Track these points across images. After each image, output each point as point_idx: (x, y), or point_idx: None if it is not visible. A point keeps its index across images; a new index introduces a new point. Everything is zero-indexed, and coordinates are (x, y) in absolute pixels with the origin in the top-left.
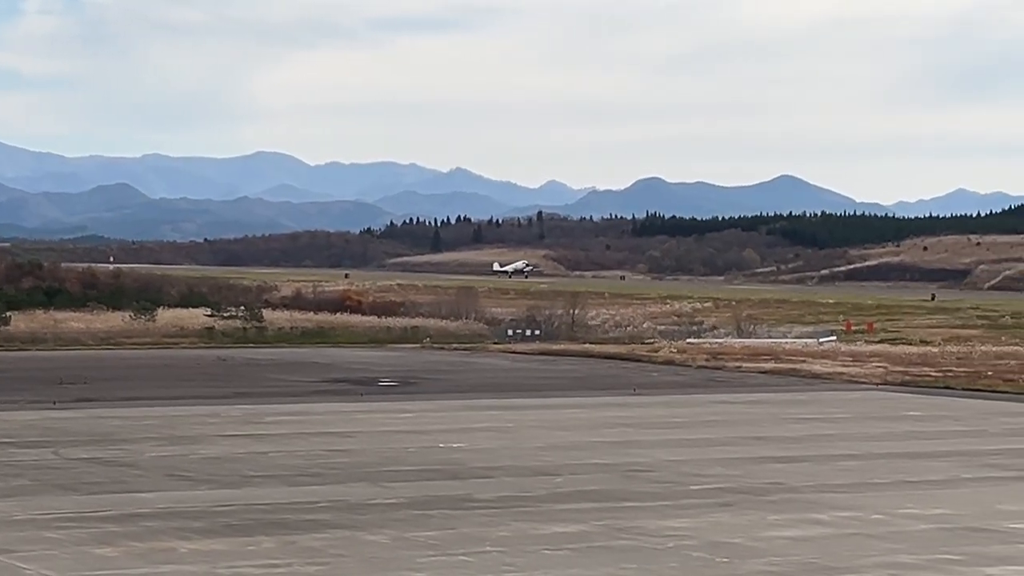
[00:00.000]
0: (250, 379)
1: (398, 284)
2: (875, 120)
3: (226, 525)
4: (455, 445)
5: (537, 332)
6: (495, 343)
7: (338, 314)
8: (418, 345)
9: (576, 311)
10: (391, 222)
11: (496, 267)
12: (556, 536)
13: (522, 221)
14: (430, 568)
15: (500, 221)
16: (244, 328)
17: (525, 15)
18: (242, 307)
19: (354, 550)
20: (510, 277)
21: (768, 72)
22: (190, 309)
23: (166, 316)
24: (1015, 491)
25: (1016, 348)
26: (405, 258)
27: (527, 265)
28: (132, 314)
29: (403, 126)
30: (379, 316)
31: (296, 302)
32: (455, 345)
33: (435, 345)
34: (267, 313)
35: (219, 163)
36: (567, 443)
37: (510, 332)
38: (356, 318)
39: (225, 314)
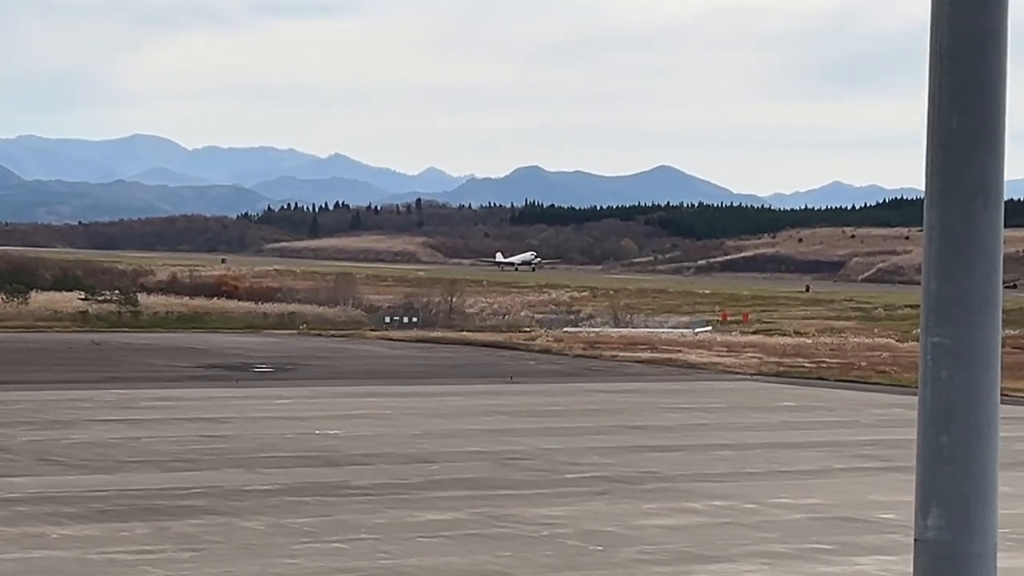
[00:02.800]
0: (124, 364)
1: (275, 270)
2: (753, 112)
3: (99, 511)
4: (331, 432)
5: (415, 319)
6: (373, 330)
7: (214, 299)
8: (295, 331)
9: (454, 299)
10: (269, 207)
11: (499, 258)
12: (432, 524)
13: (401, 208)
14: (305, 555)
15: (379, 208)
16: (119, 312)
17: (405, 1)
18: (117, 291)
19: (229, 536)
20: (516, 270)
21: (647, 62)
22: (64, 292)
23: (39, 299)
24: (886, 482)
25: (888, 340)
26: (283, 243)
27: (535, 257)
28: (4, 297)
29: (282, 111)
30: (256, 302)
31: (172, 287)
32: (332, 331)
33: (312, 331)
34: (142, 297)
35: (95, 145)
36: (444, 431)
37: (388, 319)
38: (232, 303)
39: (100, 298)
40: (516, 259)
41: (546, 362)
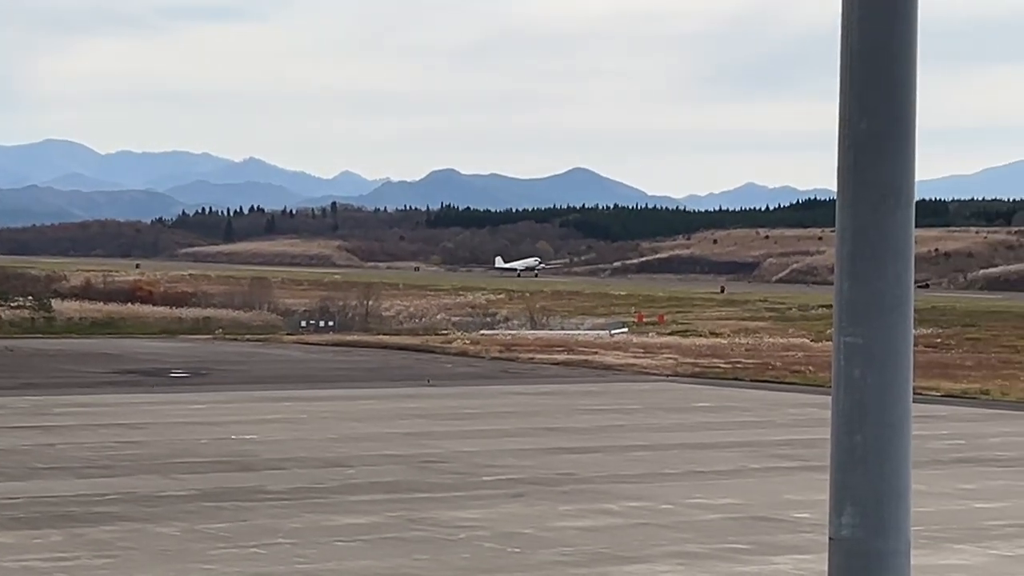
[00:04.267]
0: (38, 370)
1: (190, 274)
2: (667, 114)
3: (12, 518)
4: (247, 436)
5: (331, 323)
6: (288, 334)
7: (129, 304)
8: (210, 336)
9: (370, 302)
10: (183, 212)
11: (499, 264)
12: (348, 527)
13: (316, 212)
14: (221, 560)
15: (294, 211)
16: (32, 318)
17: (319, 4)
18: (30, 297)
19: (144, 543)
20: (519, 276)
21: (561, 65)
22: None
23: None
24: (801, 481)
25: (803, 340)
26: (197, 248)
27: (538, 262)
28: None
29: (195, 115)
30: (171, 307)
31: (86, 292)
32: (248, 336)
33: (227, 336)
34: (56, 303)
35: (6, 151)
36: (360, 434)
37: (303, 323)
38: (147, 308)
39: (12, 304)
40: (518, 264)
41: (463, 365)
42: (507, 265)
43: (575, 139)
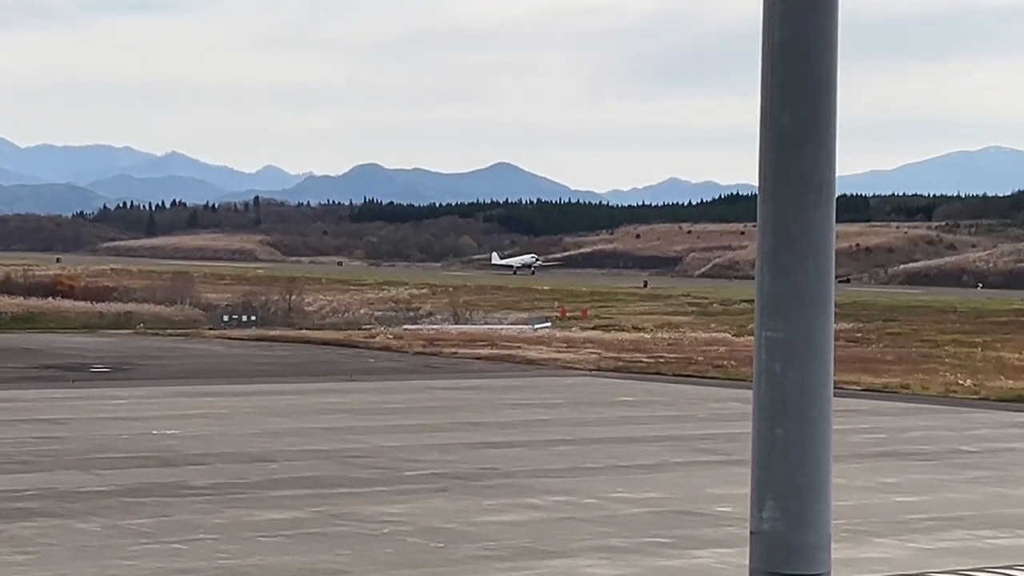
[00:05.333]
0: None
1: (111, 269)
2: (590, 110)
3: None
4: (169, 432)
5: (253, 318)
6: (210, 329)
7: (49, 299)
8: (131, 331)
9: (293, 297)
10: (104, 206)
11: (495, 260)
12: (271, 523)
13: (239, 206)
14: (142, 556)
15: (216, 206)
16: None
17: None
18: None
19: (64, 539)
20: (515, 273)
21: (486, 60)
22: None
23: None
24: (723, 475)
25: (725, 335)
26: (119, 242)
27: (535, 259)
28: None
29: (117, 109)
30: (91, 301)
31: (6, 286)
32: (170, 331)
33: (149, 331)
34: None
35: None
36: (283, 429)
37: (226, 317)
38: (68, 303)
39: None
40: (515, 261)
41: (386, 360)
42: (503, 261)
43: (499, 134)
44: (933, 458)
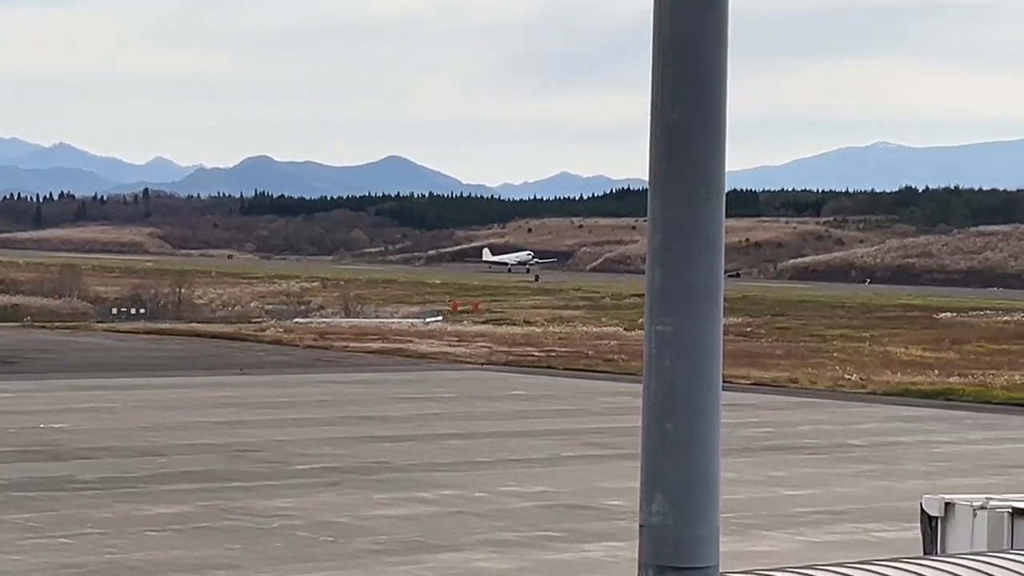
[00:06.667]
0: None
1: None
2: (482, 103)
3: None
4: (56, 426)
5: (143, 311)
6: (99, 322)
7: None
8: (19, 324)
9: (182, 290)
10: None
11: (487, 257)
12: (160, 517)
13: (128, 198)
14: (30, 551)
15: (105, 198)
16: None
17: None
18: None
19: None
20: (509, 271)
21: (377, 53)
22: None
23: None
24: (613, 469)
25: (616, 329)
26: (5, 235)
27: (531, 256)
28: None
29: (3, 100)
30: None
31: None
32: (57, 324)
33: (36, 324)
34: None
35: None
36: (172, 423)
37: (115, 311)
38: None
39: None
40: (509, 258)
41: (276, 353)
42: (496, 259)
43: (390, 127)
44: (821, 452)
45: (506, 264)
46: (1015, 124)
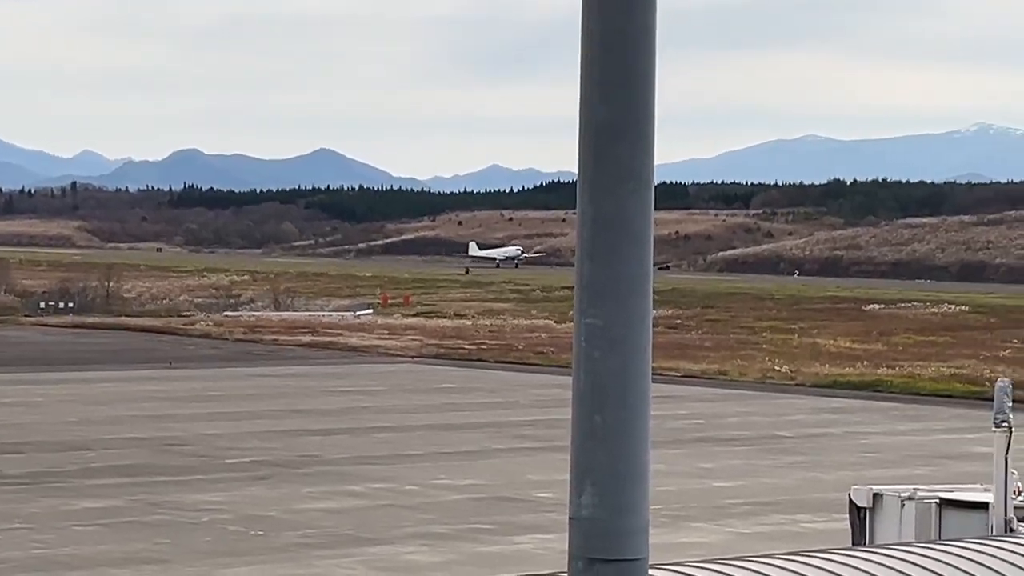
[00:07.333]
0: None
1: None
2: (411, 96)
3: None
4: None
5: (71, 305)
6: (26, 316)
7: None
8: None
9: (111, 284)
10: None
11: (474, 251)
12: (88, 512)
13: (56, 191)
14: None
15: (32, 191)
16: None
17: None
18: None
19: None
20: (497, 266)
21: (305, 46)
22: None
23: None
24: (543, 461)
25: (547, 321)
26: None
27: (519, 251)
28: None
29: None
30: None
31: None
32: None
33: None
34: None
35: None
36: (101, 417)
37: (42, 304)
38: None
39: None
40: (497, 252)
41: (206, 347)
42: (483, 253)
43: (320, 120)
44: (750, 443)
45: (494, 259)
46: (942, 117)
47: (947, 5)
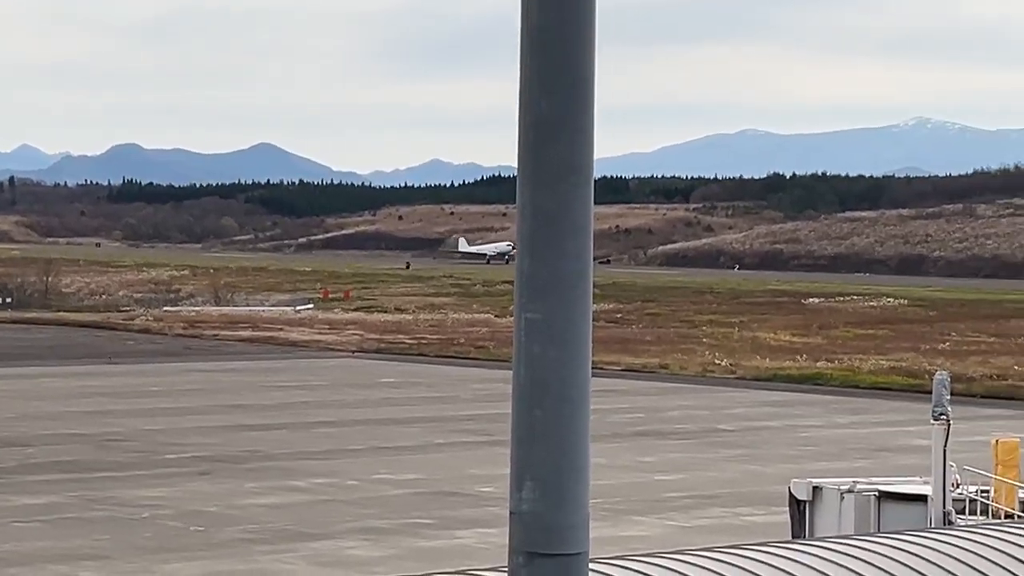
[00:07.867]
0: None
1: None
2: (352, 91)
3: None
4: None
5: (9, 300)
6: None
7: None
8: None
9: (50, 279)
10: None
11: (463, 247)
12: (27, 508)
13: None
14: None
15: None
16: None
17: None
18: None
19: None
20: (487, 263)
21: (244, 40)
22: None
23: None
24: (485, 455)
25: (487, 316)
26: None
27: (510, 246)
28: None
29: None
30: None
31: None
32: None
33: None
34: None
35: None
36: (40, 413)
37: None
38: None
39: None
40: (488, 248)
41: (145, 342)
42: (473, 249)
43: (260, 114)
44: (691, 437)
45: (484, 255)
46: (880, 111)
47: (886, 0)
